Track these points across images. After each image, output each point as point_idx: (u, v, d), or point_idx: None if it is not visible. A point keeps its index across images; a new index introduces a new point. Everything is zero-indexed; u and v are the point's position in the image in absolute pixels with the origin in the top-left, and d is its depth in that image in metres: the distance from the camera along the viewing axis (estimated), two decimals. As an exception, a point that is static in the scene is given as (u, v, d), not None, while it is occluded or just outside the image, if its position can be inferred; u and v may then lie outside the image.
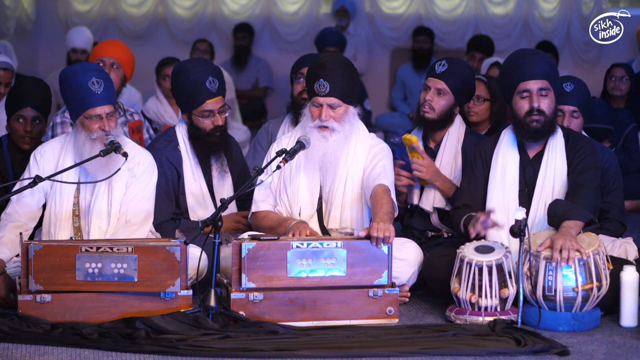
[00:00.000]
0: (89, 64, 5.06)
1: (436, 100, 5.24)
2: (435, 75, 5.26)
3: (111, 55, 5.94)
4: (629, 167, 7.38)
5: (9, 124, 5.44)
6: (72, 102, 4.84)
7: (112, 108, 4.85)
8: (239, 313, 4.43)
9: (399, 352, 4.11)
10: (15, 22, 11.07)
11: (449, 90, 5.23)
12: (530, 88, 4.78)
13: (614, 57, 10.37)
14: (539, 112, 4.76)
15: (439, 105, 5.25)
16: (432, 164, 5.21)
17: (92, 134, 4.81)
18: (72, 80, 4.82)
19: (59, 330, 4.26)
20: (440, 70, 5.25)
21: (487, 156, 4.93)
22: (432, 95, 5.25)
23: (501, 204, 4.80)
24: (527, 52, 4.94)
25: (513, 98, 4.83)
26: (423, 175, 5.19)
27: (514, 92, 4.82)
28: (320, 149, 4.84)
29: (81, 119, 4.83)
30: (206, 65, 5.24)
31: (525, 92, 4.79)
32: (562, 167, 4.81)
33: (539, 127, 4.78)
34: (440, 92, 5.24)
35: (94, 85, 4.78)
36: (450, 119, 5.31)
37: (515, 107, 4.83)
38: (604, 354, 4.16)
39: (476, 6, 12.07)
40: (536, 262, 4.45)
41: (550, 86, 4.82)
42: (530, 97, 4.78)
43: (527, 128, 4.79)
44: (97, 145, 4.80)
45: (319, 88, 4.79)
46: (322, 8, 12.18)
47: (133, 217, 4.87)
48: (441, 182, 5.22)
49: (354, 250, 4.52)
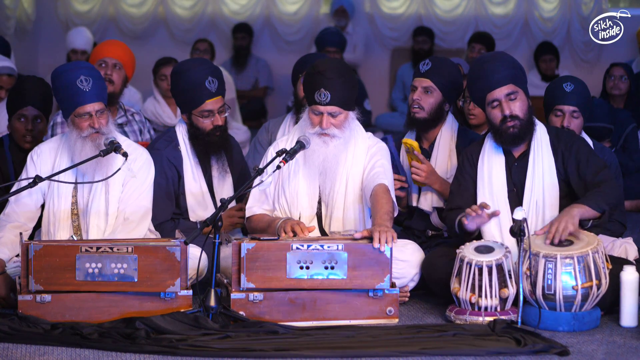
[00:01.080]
0: (80, 62, 5.07)
1: (424, 98, 5.26)
2: (420, 74, 5.29)
3: (113, 55, 5.95)
4: (629, 167, 7.38)
5: (10, 123, 5.45)
6: (63, 101, 4.86)
7: (102, 105, 4.85)
8: (239, 313, 4.43)
9: (399, 352, 4.11)
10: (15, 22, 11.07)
11: (435, 87, 5.25)
12: (498, 97, 4.78)
13: (613, 57, 10.37)
14: (512, 117, 4.77)
15: (428, 104, 5.26)
16: (430, 168, 5.22)
17: (83, 132, 4.81)
18: (62, 79, 4.83)
19: (59, 330, 4.26)
20: (424, 69, 5.28)
21: (473, 159, 4.94)
22: (420, 94, 5.27)
23: (491, 206, 4.80)
24: (485, 59, 4.89)
25: (486, 108, 4.85)
26: (421, 179, 5.21)
27: (485, 103, 4.84)
28: (320, 155, 4.85)
29: (72, 117, 4.84)
30: (205, 65, 5.24)
31: (495, 102, 4.79)
32: (550, 163, 4.82)
33: (516, 132, 4.79)
34: (428, 90, 5.26)
35: (82, 83, 4.78)
36: (442, 116, 5.32)
37: (489, 116, 4.85)
38: (604, 354, 4.16)
39: (476, 6, 12.08)
40: (535, 261, 4.45)
41: (518, 87, 4.81)
42: (500, 105, 4.78)
43: (505, 135, 4.80)
44: (88, 144, 4.80)
45: (320, 97, 4.79)
46: (322, 8, 12.18)
47: (131, 214, 4.87)
48: (439, 185, 5.24)
49: (355, 253, 4.51)
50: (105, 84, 4.99)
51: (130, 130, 6.04)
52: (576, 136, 4.96)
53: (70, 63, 5.07)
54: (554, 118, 5.33)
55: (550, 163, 4.82)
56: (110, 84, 5.89)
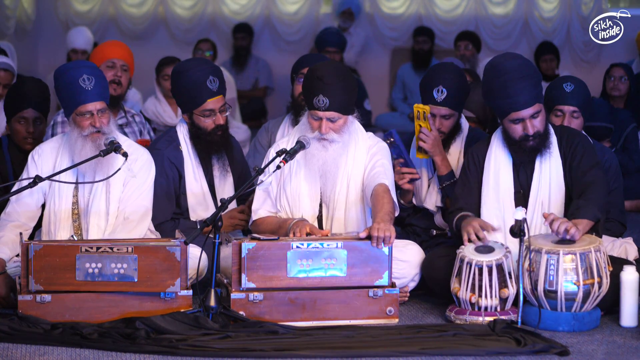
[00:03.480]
0: (83, 61, 5.08)
1: (445, 124, 5.28)
2: (437, 103, 5.24)
3: (121, 57, 5.97)
4: (629, 167, 7.38)
5: (10, 125, 5.44)
6: (65, 100, 4.86)
7: (104, 104, 4.85)
8: (239, 313, 4.43)
9: (399, 352, 4.11)
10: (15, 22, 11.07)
11: (452, 110, 5.26)
12: (523, 116, 4.70)
13: (613, 57, 10.37)
14: (534, 135, 4.73)
15: (448, 127, 5.29)
16: (437, 137, 5.22)
17: (84, 131, 4.81)
18: (64, 77, 4.83)
19: (59, 330, 4.26)
20: (441, 99, 5.21)
21: (479, 160, 4.92)
22: (440, 122, 5.26)
23: (496, 207, 4.80)
24: (507, 72, 4.67)
25: (504, 120, 4.77)
26: (427, 145, 5.20)
27: (503, 114, 4.76)
28: (320, 159, 4.84)
29: (73, 116, 4.84)
30: (206, 64, 5.24)
31: (518, 120, 4.72)
32: (557, 166, 4.80)
33: (535, 145, 4.75)
34: (447, 117, 5.26)
35: (84, 82, 4.79)
36: (459, 127, 5.36)
37: (507, 128, 4.77)
38: (604, 354, 4.16)
39: (476, 6, 12.08)
40: (538, 257, 4.44)
41: (540, 102, 4.75)
42: (523, 123, 4.72)
43: (523, 148, 4.75)
44: (89, 143, 4.80)
45: (318, 103, 4.78)
46: (322, 8, 12.18)
47: (131, 214, 4.87)
48: (440, 158, 5.24)
49: (355, 251, 4.51)
50: (107, 83, 4.99)
51: (130, 131, 6.05)
52: (578, 133, 4.94)
53: (73, 62, 5.07)
54: (554, 118, 5.32)
55: (557, 164, 4.79)
56: (119, 85, 5.91)
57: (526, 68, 4.71)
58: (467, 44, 10.51)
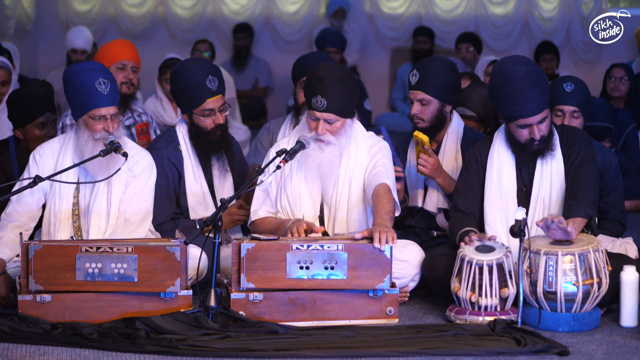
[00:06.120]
0: (94, 63, 5.04)
1: (422, 110, 5.25)
2: (412, 87, 5.26)
3: (131, 58, 5.98)
4: (629, 167, 7.37)
5: (25, 131, 5.34)
6: (76, 101, 4.82)
7: (116, 109, 4.85)
8: (239, 313, 4.43)
9: (399, 352, 4.11)
10: (15, 22, 11.08)
11: (430, 97, 5.23)
12: (530, 122, 4.70)
13: (613, 57, 10.38)
14: (541, 139, 4.73)
15: (427, 114, 5.26)
16: (437, 162, 5.21)
17: (96, 134, 4.80)
18: (78, 78, 4.80)
19: (59, 330, 4.26)
20: (414, 81, 5.23)
21: (482, 158, 4.91)
22: (417, 107, 5.25)
23: (499, 205, 4.80)
24: (517, 79, 4.64)
25: (510, 124, 4.76)
26: (427, 171, 5.19)
27: (512, 121, 4.74)
28: (316, 159, 4.84)
29: (85, 118, 4.82)
30: (205, 64, 5.25)
31: (525, 125, 4.71)
32: (559, 164, 4.80)
33: (541, 148, 4.76)
34: (423, 102, 5.24)
35: (100, 85, 4.77)
36: (445, 118, 5.31)
37: (514, 132, 4.76)
38: (604, 354, 4.16)
39: (476, 6, 12.09)
40: (536, 259, 4.44)
41: (548, 108, 4.75)
42: (530, 129, 4.71)
43: (528, 151, 4.76)
44: (99, 146, 4.79)
45: (317, 104, 4.77)
46: (322, 8, 12.19)
47: (132, 215, 4.87)
48: (442, 179, 5.23)
49: (355, 253, 4.50)
50: (118, 87, 4.96)
51: (136, 131, 6.07)
52: (578, 131, 4.94)
53: (84, 63, 5.00)
54: (554, 118, 5.32)
55: (559, 163, 4.80)
56: (132, 86, 5.91)
57: (536, 75, 4.70)
58: (469, 46, 10.49)
